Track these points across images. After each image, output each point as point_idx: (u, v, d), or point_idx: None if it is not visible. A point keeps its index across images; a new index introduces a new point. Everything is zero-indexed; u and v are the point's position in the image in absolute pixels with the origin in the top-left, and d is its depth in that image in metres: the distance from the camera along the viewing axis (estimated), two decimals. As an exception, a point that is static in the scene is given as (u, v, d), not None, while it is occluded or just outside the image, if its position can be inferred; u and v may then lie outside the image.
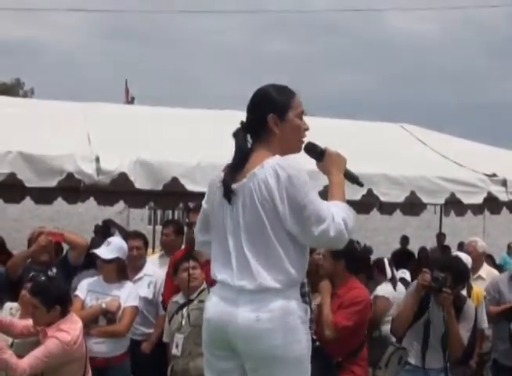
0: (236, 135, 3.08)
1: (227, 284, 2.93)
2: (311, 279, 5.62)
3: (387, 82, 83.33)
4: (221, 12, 63.42)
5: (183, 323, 4.98)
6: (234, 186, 2.96)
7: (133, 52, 72.39)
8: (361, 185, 3.35)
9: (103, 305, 5.19)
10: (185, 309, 5.03)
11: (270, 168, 2.86)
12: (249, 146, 3.04)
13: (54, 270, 5.66)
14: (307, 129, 3.09)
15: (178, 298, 5.20)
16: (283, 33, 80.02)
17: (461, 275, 5.08)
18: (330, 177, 3.08)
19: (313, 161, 3.17)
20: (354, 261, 5.21)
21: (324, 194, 3.04)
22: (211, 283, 5.02)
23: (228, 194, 2.96)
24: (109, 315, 5.21)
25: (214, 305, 2.99)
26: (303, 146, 3.11)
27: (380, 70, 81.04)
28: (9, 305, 5.22)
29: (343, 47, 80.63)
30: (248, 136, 3.05)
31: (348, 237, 2.92)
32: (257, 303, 2.85)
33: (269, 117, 2.99)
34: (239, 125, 3.10)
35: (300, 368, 2.92)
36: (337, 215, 2.86)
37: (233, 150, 3.07)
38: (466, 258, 6.73)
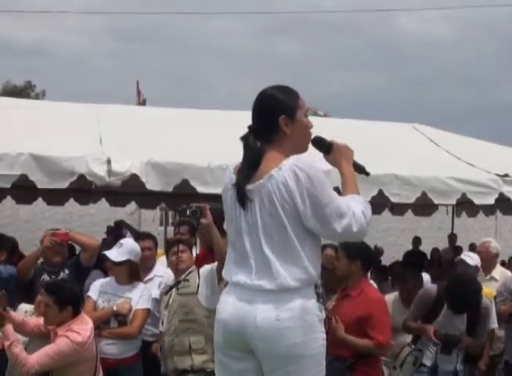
0: (245, 138, 3.11)
1: (243, 285, 2.95)
2: (325, 278, 5.62)
3: (399, 82, 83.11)
4: (231, 14, 63.49)
5: (170, 301, 5.03)
6: (249, 187, 2.98)
7: (144, 54, 72.49)
8: (367, 174, 3.38)
9: (114, 308, 5.20)
10: (173, 290, 5.07)
11: (288, 170, 2.90)
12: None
13: (66, 272, 5.68)
14: (312, 127, 3.15)
15: (171, 283, 5.29)
16: (293, 34, 79.97)
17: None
18: (341, 169, 3.13)
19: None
20: (369, 261, 5.24)
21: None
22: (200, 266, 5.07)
23: (242, 196, 2.99)
24: (120, 317, 5.22)
25: (230, 306, 3.00)
26: (310, 141, 3.16)
27: (392, 69, 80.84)
28: (24, 306, 5.25)
29: (353, 47, 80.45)
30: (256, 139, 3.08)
31: (368, 230, 2.98)
32: (277, 302, 2.89)
33: (280, 119, 3.02)
34: (246, 129, 3.13)
35: (317, 366, 2.96)
36: (356, 209, 2.92)
37: (242, 153, 3.12)
38: (474, 258, 6.72)
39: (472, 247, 9.64)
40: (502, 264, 8.81)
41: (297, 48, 77.34)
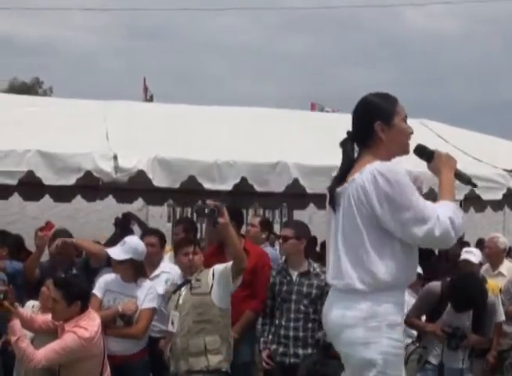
0: (343, 144, 3.19)
1: (330, 283, 3.16)
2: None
3: (406, 78, 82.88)
4: (238, 9, 63.35)
5: (180, 301, 5.00)
6: (338, 190, 3.10)
7: (151, 51, 72.54)
8: (474, 185, 3.42)
9: (120, 309, 5.17)
10: (183, 289, 5.05)
11: (368, 173, 2.96)
12: (356, 154, 3.15)
13: (74, 272, 5.70)
14: (412, 133, 3.20)
15: (177, 280, 5.29)
16: (300, 30, 79.84)
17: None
18: (440, 177, 3.17)
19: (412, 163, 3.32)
20: None
21: (428, 195, 3.10)
22: (207, 265, 5.08)
23: (332, 200, 3.14)
24: (126, 317, 5.20)
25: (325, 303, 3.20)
26: (411, 149, 3.22)
27: (399, 65, 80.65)
28: (31, 303, 5.27)
29: (361, 43, 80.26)
30: (355, 144, 3.17)
31: (456, 236, 2.97)
32: (345, 302, 3.00)
33: (376, 125, 3.08)
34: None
35: (371, 371, 2.95)
36: (442, 214, 2.92)
37: (341, 158, 3.20)
38: (477, 254, 6.67)
39: (480, 243, 9.58)
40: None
41: (304, 45, 77.20)
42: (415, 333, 5.56)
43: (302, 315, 5.35)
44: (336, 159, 6.88)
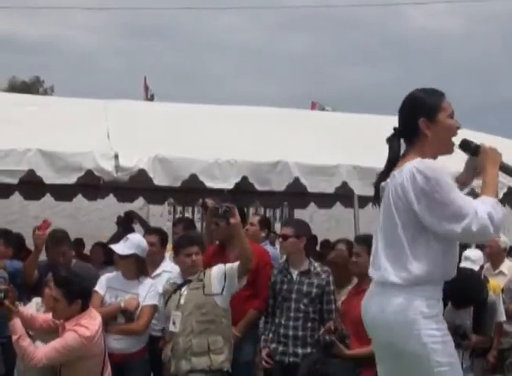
0: (389, 140, 3.22)
1: (371, 277, 3.19)
2: (336, 274, 5.62)
3: (407, 77, 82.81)
4: (239, 8, 63.32)
5: (181, 301, 5.00)
6: (381, 186, 3.13)
7: (152, 50, 72.54)
8: None
9: (122, 304, 5.20)
10: (183, 289, 5.05)
11: (408, 171, 2.98)
12: (402, 150, 3.17)
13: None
14: (459, 128, 3.18)
15: (176, 279, 5.25)
16: (301, 29, 79.78)
17: None
18: (484, 172, 3.18)
19: (455, 163, 3.32)
20: None
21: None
22: (208, 265, 5.10)
23: (376, 196, 3.18)
24: (128, 313, 5.22)
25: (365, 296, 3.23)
26: (456, 144, 3.21)
27: (400, 64, 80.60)
28: (36, 299, 5.28)
29: (361, 42, 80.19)
30: (402, 141, 3.19)
31: (495, 232, 2.98)
32: (383, 296, 3.04)
33: (420, 121, 3.08)
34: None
35: (421, 365, 2.98)
36: (481, 210, 2.93)
37: (387, 154, 3.23)
38: (476, 260, 6.63)
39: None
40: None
41: (305, 44, 77.17)
42: None
43: (302, 314, 5.35)
44: (337, 158, 6.94)
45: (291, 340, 5.34)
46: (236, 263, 4.93)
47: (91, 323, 4.61)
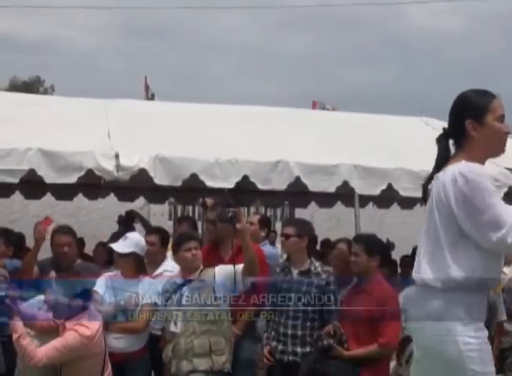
0: (438, 140, 3.18)
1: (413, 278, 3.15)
2: (337, 273, 5.62)
3: (408, 76, 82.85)
4: (238, 8, 63.35)
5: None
6: (429, 187, 3.11)
7: (152, 50, 72.53)
8: None
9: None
10: (184, 288, 5.05)
11: (450, 173, 2.94)
12: (452, 151, 3.12)
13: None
14: (509, 132, 3.11)
15: (176, 278, 5.26)
16: (301, 28, 79.78)
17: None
18: None
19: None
20: (388, 257, 5.23)
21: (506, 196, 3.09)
22: (205, 263, 5.10)
23: (424, 197, 3.17)
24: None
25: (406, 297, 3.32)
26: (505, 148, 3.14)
27: (401, 64, 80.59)
28: (40, 297, 5.28)
29: (362, 41, 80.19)
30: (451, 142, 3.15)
31: None
32: (423, 296, 3.03)
33: (467, 123, 3.03)
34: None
35: (455, 369, 2.93)
36: None
37: (436, 155, 3.20)
38: None
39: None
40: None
41: (305, 43, 77.15)
42: None
43: (301, 313, 5.35)
44: (337, 157, 6.94)
45: (290, 339, 5.34)
46: (241, 266, 4.95)
47: (91, 322, 4.61)
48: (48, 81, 42.91)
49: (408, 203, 10.65)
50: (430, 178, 3.12)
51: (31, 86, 38.36)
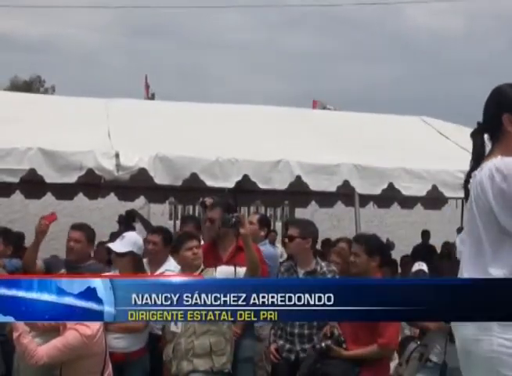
0: (473, 135, 3.08)
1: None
2: (337, 273, 5.61)
3: (409, 76, 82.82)
4: (239, 7, 63.36)
5: None
6: (469, 185, 3.01)
7: (153, 49, 72.49)
8: None
9: None
10: None
11: (487, 169, 2.86)
12: (488, 146, 3.03)
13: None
14: None
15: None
16: (303, 27, 79.75)
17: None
18: None
19: None
20: (388, 257, 5.22)
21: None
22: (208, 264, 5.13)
23: (466, 196, 3.04)
24: None
25: None
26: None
27: (402, 63, 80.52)
28: None
29: (363, 41, 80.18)
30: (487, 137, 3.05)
31: None
32: None
33: (504, 117, 2.95)
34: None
35: (487, 369, 2.86)
36: None
37: (472, 151, 3.10)
38: None
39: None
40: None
41: (308, 42, 77.14)
42: None
43: None
44: (338, 157, 6.93)
45: (297, 338, 5.36)
46: (243, 268, 5.03)
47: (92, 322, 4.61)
48: (49, 80, 42.89)
49: (408, 202, 10.68)
50: (468, 176, 3.01)
51: (32, 86, 38.35)
